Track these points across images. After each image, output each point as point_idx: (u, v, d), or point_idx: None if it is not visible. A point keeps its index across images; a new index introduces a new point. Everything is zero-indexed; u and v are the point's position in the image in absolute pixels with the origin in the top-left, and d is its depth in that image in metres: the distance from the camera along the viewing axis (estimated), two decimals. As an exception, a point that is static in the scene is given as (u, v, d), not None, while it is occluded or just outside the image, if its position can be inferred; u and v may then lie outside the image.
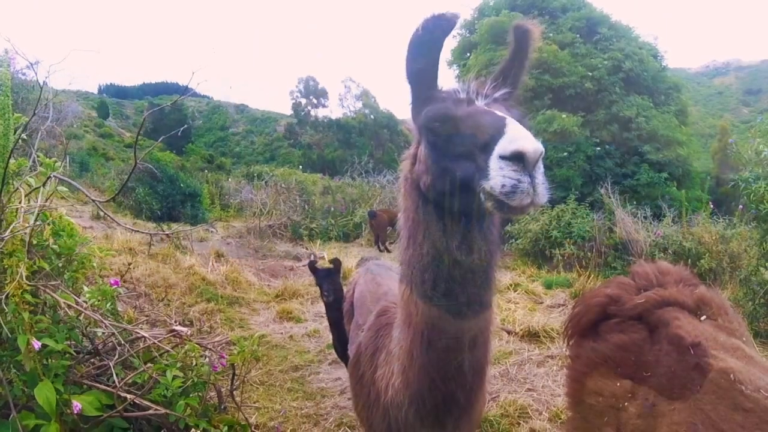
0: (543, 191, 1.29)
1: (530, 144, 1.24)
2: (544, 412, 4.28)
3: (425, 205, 1.60)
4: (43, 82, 3.13)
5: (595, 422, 1.91)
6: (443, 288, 1.60)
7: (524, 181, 1.25)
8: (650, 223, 10.15)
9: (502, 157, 1.26)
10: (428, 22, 1.42)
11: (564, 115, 15.52)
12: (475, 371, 1.76)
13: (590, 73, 16.58)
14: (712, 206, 10.67)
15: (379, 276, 3.23)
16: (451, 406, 1.80)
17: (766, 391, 1.54)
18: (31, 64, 3.13)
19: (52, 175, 2.91)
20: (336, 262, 4.46)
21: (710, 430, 1.53)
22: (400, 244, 1.75)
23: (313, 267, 4.60)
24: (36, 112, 3.12)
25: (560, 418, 4.07)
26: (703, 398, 1.60)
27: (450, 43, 21.35)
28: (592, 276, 9.24)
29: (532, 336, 6.18)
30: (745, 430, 1.48)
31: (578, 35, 17.67)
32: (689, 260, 7.96)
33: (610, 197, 10.71)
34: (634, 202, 11.72)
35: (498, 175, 1.26)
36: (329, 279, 4.32)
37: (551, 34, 17.38)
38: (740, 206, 8.86)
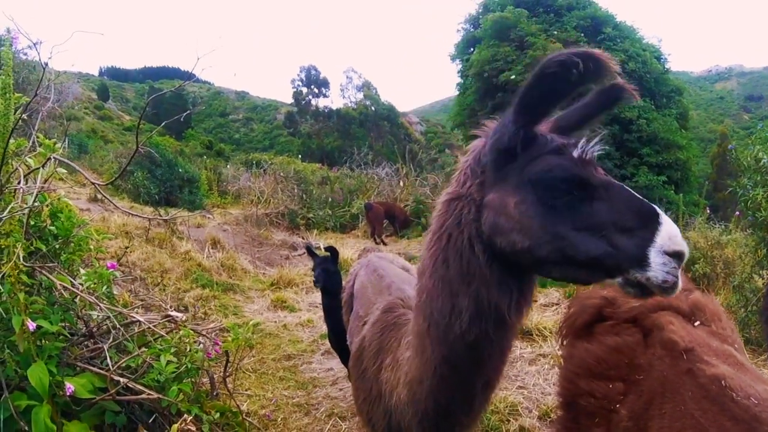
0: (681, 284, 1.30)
1: (686, 245, 1.27)
2: (534, 410, 4.30)
3: (489, 262, 1.46)
4: (45, 63, 3.11)
5: (586, 423, 1.92)
6: (473, 341, 1.52)
7: (680, 277, 1.27)
8: (647, 225, 10.15)
9: (666, 253, 1.25)
10: (590, 61, 1.25)
11: (565, 114, 15.49)
12: (485, 397, 1.77)
13: (593, 74, 16.53)
14: (708, 211, 10.65)
15: (381, 268, 3.22)
16: (455, 424, 1.82)
17: (756, 399, 1.55)
18: (34, 44, 3.09)
19: (51, 157, 2.90)
20: (332, 250, 4.46)
21: (700, 435, 1.54)
22: (423, 286, 1.62)
23: (311, 251, 4.61)
24: (38, 92, 3.10)
25: (550, 417, 4.09)
26: (693, 403, 1.61)
27: (453, 38, 21.28)
28: (587, 276, 9.25)
29: (524, 334, 6.20)
30: (734, 437, 1.49)
31: (582, 34, 17.58)
32: (684, 264, 7.97)
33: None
34: (632, 204, 11.69)
35: (662, 270, 1.25)
36: (322, 266, 4.33)
37: (555, 32, 17.33)
38: (737, 212, 8.87)
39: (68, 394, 2.41)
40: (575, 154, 1.38)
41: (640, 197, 1.33)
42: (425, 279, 1.60)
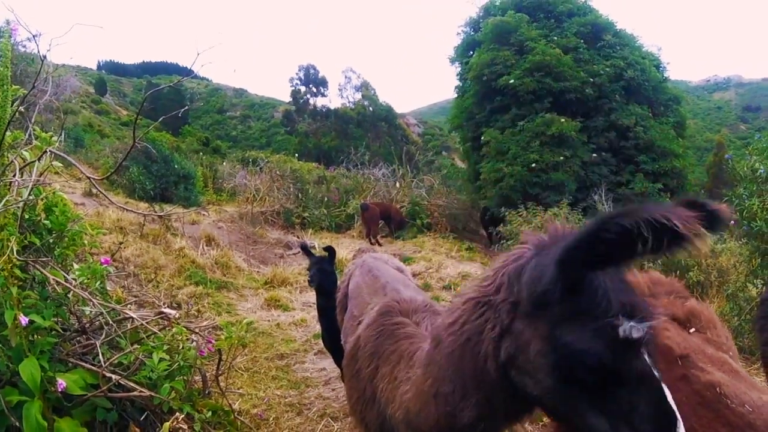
0: None
1: None
2: (526, 414, 4.30)
3: (502, 380, 1.40)
4: (44, 55, 3.09)
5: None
6: (482, 430, 1.51)
7: None
8: (642, 232, 10.18)
9: None
10: (667, 236, 0.97)
11: (563, 120, 15.54)
12: None
13: (592, 79, 16.56)
14: (703, 219, 10.69)
15: (376, 269, 3.21)
16: None
17: (751, 406, 1.56)
18: (33, 37, 3.07)
19: (47, 150, 2.88)
20: (330, 250, 4.45)
21: (694, 442, 1.54)
22: (435, 358, 1.58)
23: (306, 250, 4.59)
24: (35, 85, 3.08)
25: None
26: (688, 409, 1.61)
27: (453, 41, 21.30)
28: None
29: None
30: (729, 445, 1.49)
31: (582, 40, 17.62)
32: (678, 272, 7.99)
33: (603, 204, 10.76)
34: (627, 211, 11.73)
35: None
36: (318, 265, 4.32)
37: (555, 38, 17.37)
38: (732, 222, 8.90)
39: (60, 390, 2.40)
40: (621, 332, 1.15)
41: (670, 403, 1.21)
42: (439, 352, 1.55)
